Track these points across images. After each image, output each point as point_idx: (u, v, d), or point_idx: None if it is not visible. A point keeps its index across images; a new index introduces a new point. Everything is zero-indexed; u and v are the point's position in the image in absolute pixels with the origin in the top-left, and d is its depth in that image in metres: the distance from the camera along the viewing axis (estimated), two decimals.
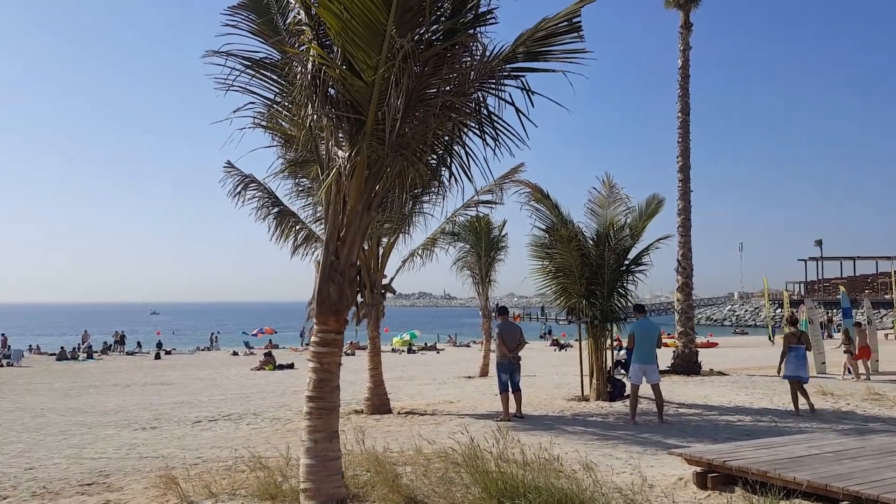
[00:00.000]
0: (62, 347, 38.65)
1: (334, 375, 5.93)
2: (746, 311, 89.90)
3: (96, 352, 39.55)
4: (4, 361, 32.43)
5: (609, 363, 14.83)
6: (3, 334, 43.00)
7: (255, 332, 52.74)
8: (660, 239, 15.05)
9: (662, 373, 12.44)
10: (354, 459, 7.63)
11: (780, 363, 12.44)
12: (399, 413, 13.32)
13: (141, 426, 13.07)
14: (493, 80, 5.75)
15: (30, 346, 43.30)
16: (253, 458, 8.40)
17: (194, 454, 10.10)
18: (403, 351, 39.87)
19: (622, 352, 18.72)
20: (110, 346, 43.26)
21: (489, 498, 6.20)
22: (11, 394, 19.78)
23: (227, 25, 6.45)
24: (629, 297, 14.52)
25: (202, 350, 45.06)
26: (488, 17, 5.59)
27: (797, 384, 12.00)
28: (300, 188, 13.57)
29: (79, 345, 41.02)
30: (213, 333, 51.74)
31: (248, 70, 6.36)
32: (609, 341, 14.91)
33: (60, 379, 24.94)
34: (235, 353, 39.16)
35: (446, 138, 6.06)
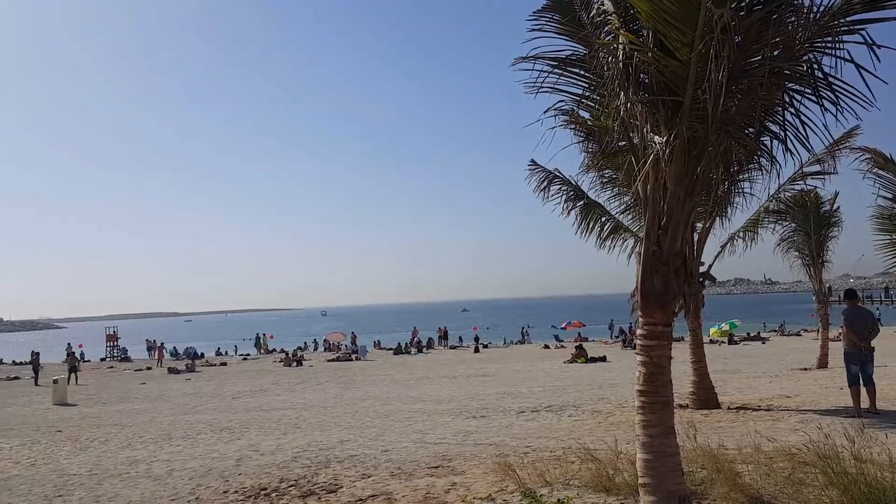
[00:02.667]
0: (399, 343, 43.31)
1: (665, 369, 5.72)
2: None
3: (424, 346, 43.62)
4: (354, 356, 37.33)
5: None
6: (353, 332, 49.68)
7: (563, 325, 53.66)
8: None
9: None
10: (687, 455, 7.32)
11: None
12: (729, 408, 12.55)
13: (472, 415, 14.05)
14: (828, 38, 5.07)
15: (374, 341, 49.24)
16: (582, 449, 8.52)
17: (523, 443, 10.57)
18: (723, 342, 37.54)
19: None
20: (433, 340, 47.35)
21: (849, 502, 5.52)
22: (363, 384, 22.69)
23: (533, 30, 6.62)
24: None
25: (515, 344, 47.21)
26: None
27: None
28: (605, 179, 13.48)
29: (410, 340, 45.60)
30: (523, 328, 53.93)
31: (555, 70, 6.44)
32: None
33: (399, 371, 27.96)
34: (547, 347, 40.35)
35: (776, 108, 5.51)
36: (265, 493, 8.10)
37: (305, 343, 51.57)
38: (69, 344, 47.31)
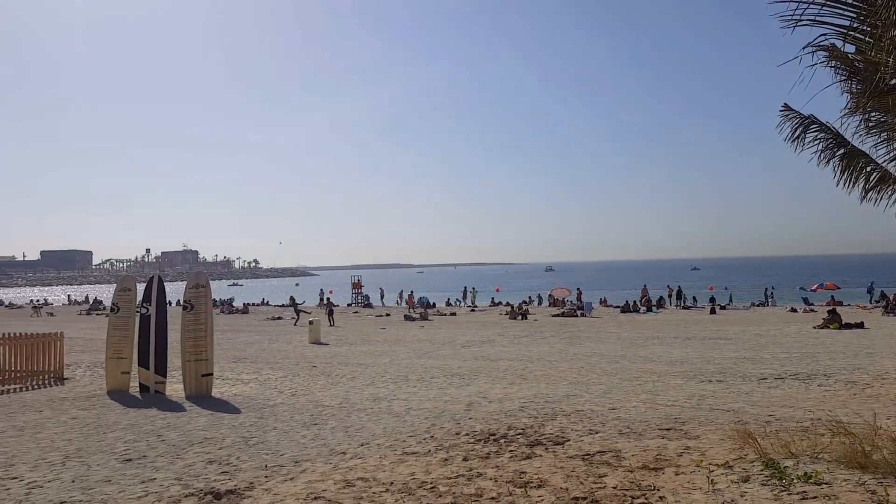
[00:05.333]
0: (626, 301, 42.32)
1: None
2: None
3: (654, 305, 42.18)
4: (579, 312, 37.21)
5: None
6: (578, 288, 49.55)
7: (814, 287, 48.74)
8: None
9: None
10: None
11: None
12: None
13: (706, 379, 13.39)
14: None
15: (600, 298, 48.67)
16: (833, 422, 7.80)
17: (765, 411, 9.88)
18: None
19: None
20: (664, 299, 45.58)
21: None
22: (588, 340, 22.58)
23: None
24: None
25: (756, 306, 43.94)
26: None
27: None
28: (871, 123, 11.83)
29: (639, 298, 44.36)
30: (767, 289, 49.95)
31: (816, 0, 5.72)
32: None
33: (626, 329, 27.38)
34: (794, 310, 37.07)
35: None
36: (494, 439, 8.42)
37: (530, 297, 52.29)
38: (322, 290, 52.53)
